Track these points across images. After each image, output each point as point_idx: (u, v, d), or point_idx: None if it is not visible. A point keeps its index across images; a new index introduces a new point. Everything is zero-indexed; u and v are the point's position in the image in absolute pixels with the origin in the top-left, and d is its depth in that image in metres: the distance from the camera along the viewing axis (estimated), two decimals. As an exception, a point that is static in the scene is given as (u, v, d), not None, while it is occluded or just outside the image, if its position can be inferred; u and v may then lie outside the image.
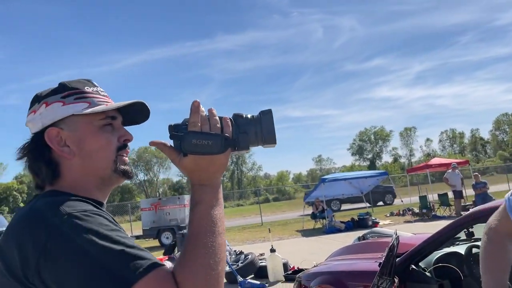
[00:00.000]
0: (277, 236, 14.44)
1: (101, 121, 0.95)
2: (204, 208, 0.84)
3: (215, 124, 0.86)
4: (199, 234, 0.81)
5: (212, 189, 0.87)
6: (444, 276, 3.31)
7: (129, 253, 0.75)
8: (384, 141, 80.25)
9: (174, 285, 0.75)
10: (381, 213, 18.06)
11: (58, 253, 0.73)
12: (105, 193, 0.99)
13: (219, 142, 0.84)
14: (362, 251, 4.42)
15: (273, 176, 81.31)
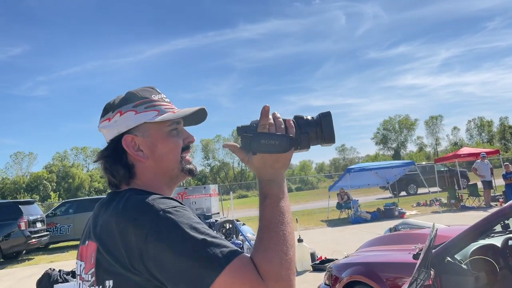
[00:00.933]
0: (302, 226, 14.47)
1: (168, 127, 1.07)
2: (273, 201, 0.94)
3: (280, 126, 0.96)
4: (270, 224, 0.92)
5: (278, 183, 0.97)
6: (480, 269, 3.29)
7: (217, 243, 0.87)
8: (409, 130, 78.79)
9: (255, 269, 0.86)
10: (407, 204, 17.83)
11: (158, 243, 0.85)
12: (172, 189, 1.12)
13: (285, 142, 0.94)
14: (394, 242, 4.41)
15: (296, 166, 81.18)
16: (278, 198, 0.95)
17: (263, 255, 0.88)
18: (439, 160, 20.15)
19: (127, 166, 1.05)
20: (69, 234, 14.91)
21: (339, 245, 9.46)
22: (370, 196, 23.16)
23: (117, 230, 0.91)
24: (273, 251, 0.88)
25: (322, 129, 0.99)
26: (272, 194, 0.95)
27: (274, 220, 0.92)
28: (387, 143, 79.52)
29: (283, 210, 0.94)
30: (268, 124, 0.95)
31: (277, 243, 0.89)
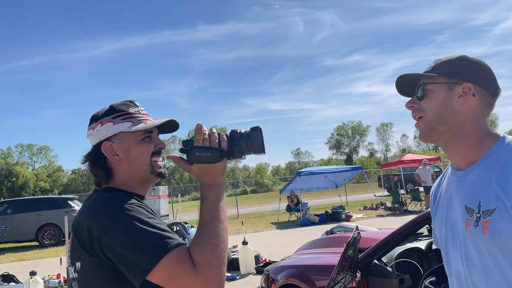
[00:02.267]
0: (252, 228, 14.52)
1: (141, 136, 1.28)
2: (210, 203, 1.16)
3: (214, 140, 1.16)
4: (206, 222, 1.12)
5: (216, 188, 1.18)
6: (405, 271, 3.41)
7: (162, 235, 1.07)
8: (361, 136, 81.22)
9: (190, 259, 1.06)
10: (354, 207, 18.36)
11: (112, 233, 1.07)
12: (145, 189, 1.33)
13: (216, 154, 1.14)
14: (329, 245, 4.50)
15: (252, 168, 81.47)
16: (215, 200, 1.16)
17: (197, 247, 1.08)
18: (385, 166, 20.91)
19: (106, 168, 1.27)
20: (6, 235, 14.07)
21: (285, 247, 9.55)
22: (321, 199, 23.64)
23: (84, 221, 1.13)
24: (206, 244, 1.08)
25: (252, 141, 1.17)
26: (209, 197, 1.16)
27: (209, 219, 1.13)
28: (340, 148, 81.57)
29: (219, 210, 1.15)
30: (202, 139, 1.15)
31: (210, 238, 1.09)
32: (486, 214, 1.08)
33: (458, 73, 1.16)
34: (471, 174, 1.15)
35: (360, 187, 29.63)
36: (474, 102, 1.15)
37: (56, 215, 13.54)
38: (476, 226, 1.10)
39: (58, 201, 14.89)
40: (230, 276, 7.22)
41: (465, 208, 1.15)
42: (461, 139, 1.16)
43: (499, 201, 1.06)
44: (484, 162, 1.13)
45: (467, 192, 1.15)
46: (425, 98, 1.18)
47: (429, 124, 1.17)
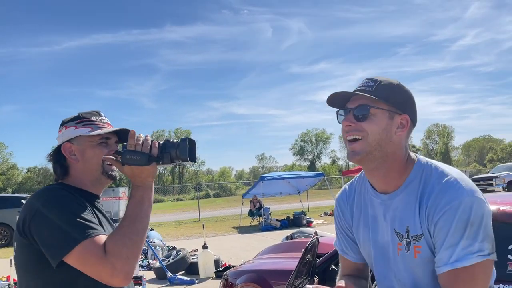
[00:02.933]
0: (213, 232, 14.43)
1: (98, 140, 1.45)
2: (135, 202, 1.30)
3: (146, 146, 1.30)
4: (127, 217, 1.27)
5: (143, 189, 1.32)
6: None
7: (84, 224, 1.23)
8: (324, 143, 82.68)
9: (103, 247, 1.20)
10: (315, 213, 18.62)
11: (40, 217, 1.24)
12: (97, 188, 1.48)
13: (144, 158, 1.28)
14: (288, 250, 4.54)
15: (216, 172, 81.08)
16: (140, 200, 1.30)
17: (112, 238, 1.22)
18: (346, 173, 21.36)
19: (63, 166, 1.44)
20: None
21: (246, 251, 9.55)
22: (283, 204, 23.82)
23: (24, 207, 1.30)
24: (121, 236, 1.22)
25: (180, 150, 1.29)
26: (136, 196, 1.30)
27: (131, 215, 1.27)
28: (304, 155, 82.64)
29: (141, 209, 1.29)
30: (135, 144, 1.29)
31: (126, 231, 1.23)
32: (415, 239, 1.15)
33: (399, 102, 1.19)
34: (396, 199, 1.20)
35: (322, 194, 30.10)
36: (405, 132, 1.20)
37: (8, 214, 12.93)
38: (407, 250, 1.17)
39: (11, 200, 14.24)
40: (189, 280, 7.13)
41: (395, 232, 1.20)
42: (390, 167, 1.19)
43: (423, 226, 1.14)
44: (407, 188, 1.18)
45: (394, 216, 1.20)
46: (367, 121, 1.16)
47: (367, 148, 1.16)
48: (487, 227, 1.09)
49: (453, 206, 1.08)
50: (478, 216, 1.08)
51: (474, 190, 1.10)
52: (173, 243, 10.93)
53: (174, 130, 74.06)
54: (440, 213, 1.09)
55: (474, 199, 1.09)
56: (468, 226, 1.07)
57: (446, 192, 1.11)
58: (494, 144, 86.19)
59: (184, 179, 73.18)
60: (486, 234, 1.08)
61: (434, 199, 1.12)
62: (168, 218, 22.20)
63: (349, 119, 1.19)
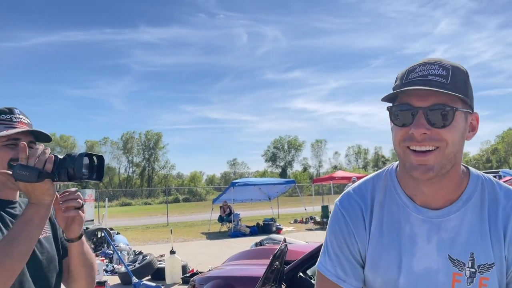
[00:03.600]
0: (181, 237, 14.24)
1: (5, 142, 1.32)
2: (21, 221, 1.18)
3: (41, 160, 1.18)
4: (5, 236, 1.16)
5: (36, 207, 1.20)
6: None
7: None
8: (296, 151, 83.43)
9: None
10: (285, 220, 18.69)
11: None
12: (7, 193, 1.35)
13: (34, 174, 1.16)
14: (257, 256, 4.51)
15: (186, 176, 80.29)
16: (28, 220, 1.18)
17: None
18: (317, 181, 21.59)
19: None
20: None
21: (214, 258, 9.45)
22: (253, 211, 23.80)
23: None
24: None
25: (75, 167, 1.18)
26: (25, 215, 1.19)
27: (11, 235, 1.15)
28: (276, 161, 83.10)
29: (24, 230, 1.17)
30: (27, 158, 1.17)
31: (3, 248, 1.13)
32: (483, 270, 0.92)
33: (470, 99, 0.93)
34: (451, 217, 0.96)
35: (292, 201, 30.28)
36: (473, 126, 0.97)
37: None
38: (470, 282, 0.93)
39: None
40: (155, 286, 6.97)
41: (449, 259, 0.95)
42: (451, 177, 0.96)
43: (496, 254, 0.92)
44: (466, 204, 0.96)
45: (450, 239, 0.96)
46: (450, 126, 0.89)
47: (443, 161, 0.90)
48: None
49: None
50: None
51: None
52: (139, 248, 10.71)
53: (145, 133, 73.04)
54: None
55: None
56: None
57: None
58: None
59: (153, 182, 72.09)
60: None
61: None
62: (136, 222, 21.77)
63: (423, 124, 0.89)
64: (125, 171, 74.16)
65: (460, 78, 0.91)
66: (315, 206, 20.82)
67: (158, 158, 74.68)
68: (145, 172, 73.99)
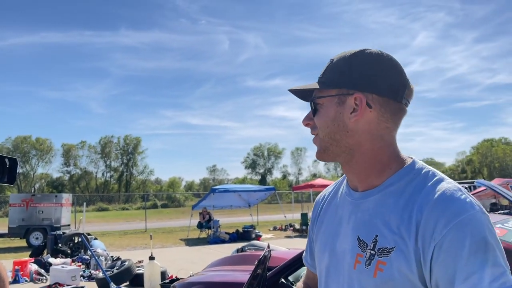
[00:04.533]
0: (159, 243, 14.09)
1: None
2: None
3: None
4: None
5: None
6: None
7: None
8: (276, 158, 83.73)
9: None
10: (265, 227, 18.71)
11: None
12: None
13: None
14: (239, 262, 4.52)
15: (165, 182, 79.46)
16: None
17: None
18: (297, 189, 21.71)
19: None
20: None
21: (193, 264, 9.40)
22: (233, 217, 23.72)
23: None
24: None
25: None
26: None
27: None
28: (256, 168, 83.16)
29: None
30: None
31: None
32: (382, 253, 0.89)
33: (349, 80, 0.95)
34: (369, 199, 0.96)
35: (272, 208, 30.33)
36: (372, 115, 0.94)
37: None
38: (367, 265, 0.91)
39: None
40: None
41: (358, 240, 0.95)
42: (361, 161, 0.97)
43: (400, 240, 0.87)
44: (387, 189, 0.94)
45: (362, 221, 0.95)
46: (317, 114, 0.99)
47: (322, 143, 0.99)
48: (501, 249, 0.82)
49: (464, 221, 0.80)
50: (495, 237, 0.82)
51: (481, 206, 0.86)
52: (117, 254, 10.55)
53: (124, 137, 72.07)
54: (445, 229, 0.81)
55: (485, 216, 0.83)
56: (489, 249, 0.79)
57: (450, 203, 0.84)
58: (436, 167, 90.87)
59: (131, 188, 71.07)
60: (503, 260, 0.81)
61: (431, 210, 0.84)
62: (113, 228, 21.42)
63: (307, 117, 1.03)
64: (103, 175, 72.91)
65: (335, 66, 0.99)
66: (294, 213, 20.93)
67: (137, 163, 73.74)
68: (123, 177, 72.86)
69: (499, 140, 79.71)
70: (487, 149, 75.38)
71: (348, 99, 0.94)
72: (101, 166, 71.77)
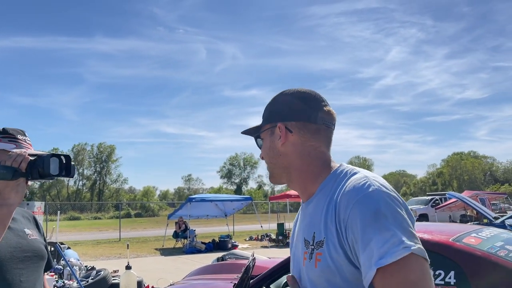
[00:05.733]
0: (134, 253, 13.88)
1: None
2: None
3: (17, 161, 1.32)
4: None
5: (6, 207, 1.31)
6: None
7: None
8: (252, 168, 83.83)
9: None
10: (241, 237, 18.67)
11: None
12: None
13: (10, 172, 1.29)
14: (219, 271, 4.54)
15: (139, 191, 78.23)
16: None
17: None
18: (273, 198, 21.79)
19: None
20: None
21: (169, 274, 9.31)
22: (209, 227, 23.56)
23: None
24: None
25: (44, 166, 1.31)
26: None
27: None
28: (231, 178, 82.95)
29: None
30: (5, 158, 1.33)
31: None
32: (318, 246, 1.03)
33: (273, 115, 1.20)
34: (309, 206, 1.13)
35: (248, 218, 30.28)
36: (295, 138, 1.14)
37: None
38: (310, 259, 1.05)
39: None
40: (109, 302, 6.77)
41: (303, 241, 1.11)
42: (297, 177, 1.16)
43: (327, 230, 1.01)
44: (320, 193, 1.11)
45: (306, 224, 1.13)
46: (262, 147, 1.23)
47: (269, 169, 1.22)
48: (404, 220, 0.94)
49: (360, 199, 0.96)
50: (390, 207, 0.94)
51: (385, 185, 1.00)
52: (91, 263, 10.34)
53: (98, 145, 70.79)
54: (348, 209, 0.96)
55: (383, 192, 0.97)
56: (380, 218, 0.92)
57: (354, 187, 1.00)
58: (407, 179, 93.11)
59: (104, 196, 69.63)
60: (406, 227, 0.92)
61: (342, 198, 1.00)
62: (85, 237, 20.93)
63: (261, 152, 1.25)
64: (75, 184, 71.24)
65: (267, 107, 1.25)
66: (270, 223, 20.98)
67: (110, 171, 72.48)
68: (96, 185, 71.38)
69: (468, 153, 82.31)
70: (456, 162, 77.64)
71: (276, 129, 1.17)
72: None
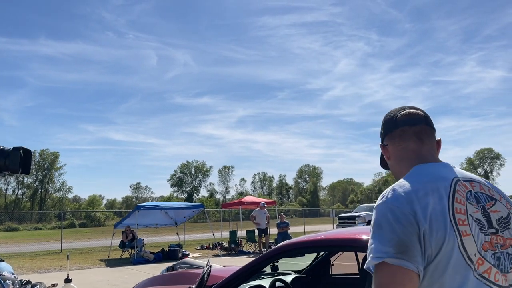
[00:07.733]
0: (77, 265, 13.03)
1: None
2: None
3: None
4: None
5: None
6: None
7: None
8: (203, 176, 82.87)
9: None
10: (192, 246, 18.15)
11: None
12: None
13: None
14: (169, 282, 4.18)
15: (84, 200, 74.83)
16: None
17: None
18: (226, 206, 21.45)
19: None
20: None
21: (115, 286, 8.75)
22: (158, 236, 22.77)
23: None
24: None
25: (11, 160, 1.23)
26: None
27: None
28: (182, 186, 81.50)
29: None
30: None
31: None
32: None
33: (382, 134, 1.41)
34: None
35: (199, 226, 29.72)
36: (392, 148, 1.35)
37: None
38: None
39: None
40: (45, 320, 6.17)
41: None
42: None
43: None
44: None
45: None
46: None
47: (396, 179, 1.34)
48: (392, 232, 1.06)
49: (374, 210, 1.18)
50: (378, 217, 1.10)
51: (386, 194, 1.14)
52: (27, 277, 9.50)
53: (40, 152, 66.99)
54: None
55: (385, 205, 1.12)
56: (374, 228, 1.10)
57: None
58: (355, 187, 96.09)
59: (46, 206, 65.92)
60: (388, 238, 1.05)
61: None
62: (23, 249, 19.51)
63: None
64: (13, 192, 66.94)
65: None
66: (223, 231, 20.61)
67: (53, 179, 68.76)
68: (37, 194, 67.44)
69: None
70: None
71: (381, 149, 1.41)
72: (12, 182, 65.88)
